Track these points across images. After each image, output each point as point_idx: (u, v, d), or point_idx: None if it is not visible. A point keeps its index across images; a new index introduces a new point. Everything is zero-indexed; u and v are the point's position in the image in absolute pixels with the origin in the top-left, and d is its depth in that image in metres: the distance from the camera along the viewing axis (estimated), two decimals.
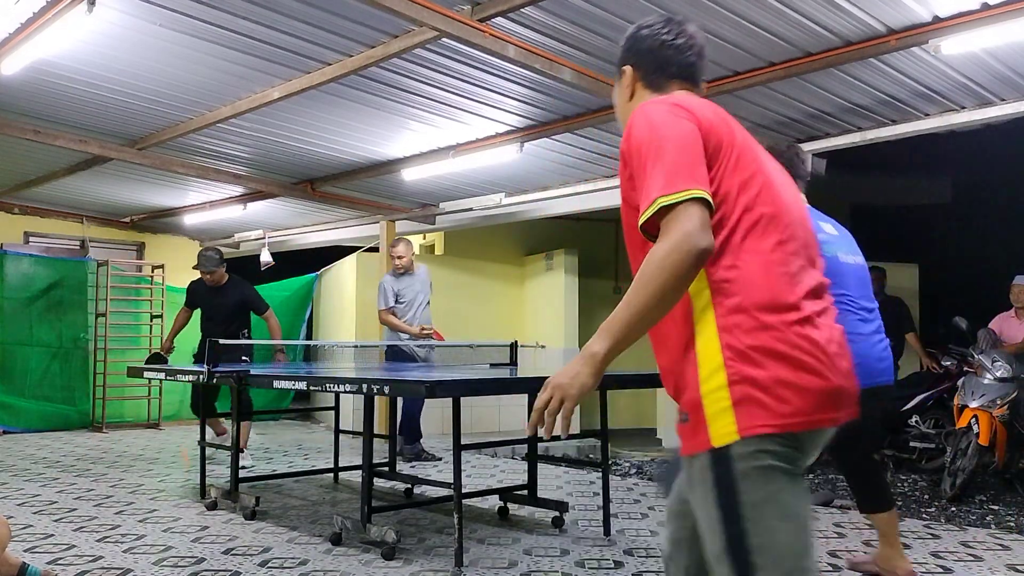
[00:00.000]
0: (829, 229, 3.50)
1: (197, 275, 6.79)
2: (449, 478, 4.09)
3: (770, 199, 1.62)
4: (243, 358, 6.54)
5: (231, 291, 6.76)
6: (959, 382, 5.98)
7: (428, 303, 7.01)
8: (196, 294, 6.87)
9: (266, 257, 10.34)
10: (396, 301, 6.87)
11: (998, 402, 5.57)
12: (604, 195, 7.20)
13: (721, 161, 1.60)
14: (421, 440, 7.10)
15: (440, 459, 6.95)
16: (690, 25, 1.89)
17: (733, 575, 1.49)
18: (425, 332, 6.82)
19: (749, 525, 1.49)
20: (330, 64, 4.85)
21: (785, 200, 1.65)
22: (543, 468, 6.12)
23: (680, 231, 1.49)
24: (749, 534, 1.49)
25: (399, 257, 6.86)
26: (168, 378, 5.60)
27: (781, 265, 1.57)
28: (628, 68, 1.88)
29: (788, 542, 1.50)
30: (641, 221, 1.56)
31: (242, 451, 6.76)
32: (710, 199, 1.53)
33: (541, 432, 1.61)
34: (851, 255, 3.45)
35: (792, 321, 1.54)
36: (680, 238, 1.48)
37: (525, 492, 4.75)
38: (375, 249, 9.21)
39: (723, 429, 1.51)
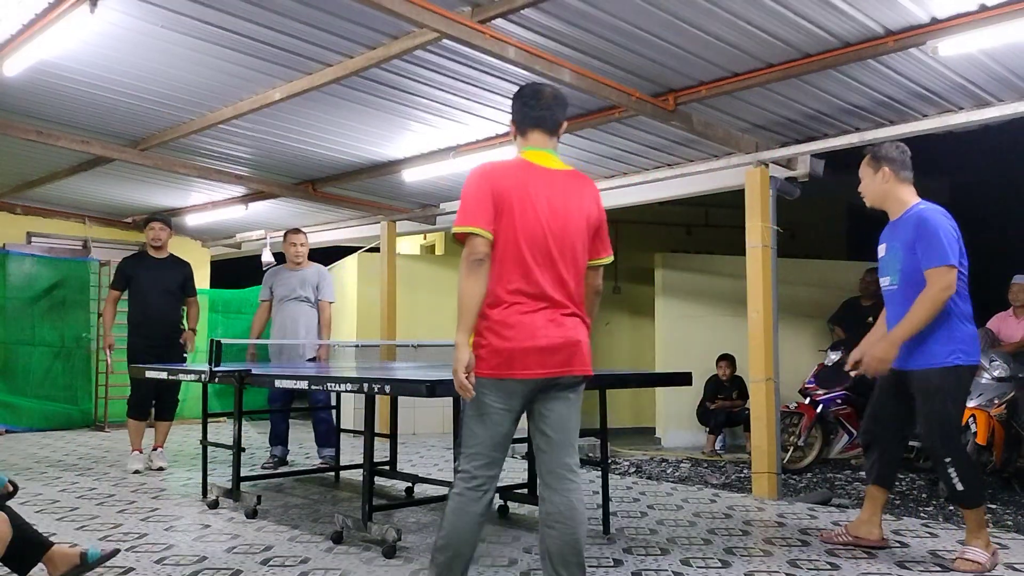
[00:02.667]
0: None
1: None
2: (449, 476, 4.11)
3: (517, 240, 2.79)
4: (184, 354, 6.50)
5: (172, 267, 6.53)
6: None
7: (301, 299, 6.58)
8: (133, 269, 6.49)
9: (268, 257, 10.36)
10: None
11: (996, 401, 5.60)
12: (604, 195, 7.09)
13: (500, 211, 2.79)
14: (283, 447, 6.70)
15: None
16: (547, 89, 3.01)
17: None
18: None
19: (466, 426, 2.87)
20: (331, 65, 4.87)
21: (534, 236, 2.80)
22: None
23: (464, 251, 2.77)
24: (464, 428, 2.89)
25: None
26: (170, 378, 5.62)
27: (508, 281, 2.78)
28: (512, 121, 3.04)
29: (477, 435, 2.84)
30: (455, 231, 2.83)
31: (156, 450, 6.44)
32: (481, 231, 2.75)
33: None
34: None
35: (498, 310, 2.77)
36: (464, 255, 2.77)
37: (525, 491, 4.77)
38: (376, 249, 9.23)
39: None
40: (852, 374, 3.99)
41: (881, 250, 3.98)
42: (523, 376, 2.76)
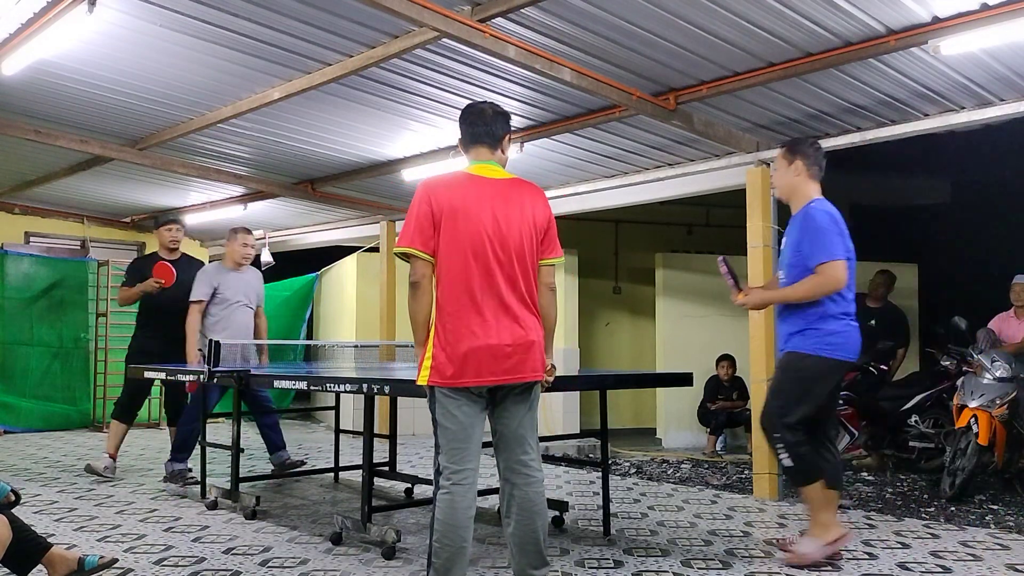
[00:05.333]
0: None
1: None
2: None
3: (462, 250, 2.94)
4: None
5: (188, 265, 6.05)
6: (958, 382, 5.99)
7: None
8: (147, 270, 5.98)
9: (267, 257, 10.35)
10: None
11: (997, 402, 5.57)
12: (604, 195, 7.21)
13: (440, 227, 2.96)
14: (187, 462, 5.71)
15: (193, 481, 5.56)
16: (486, 107, 3.24)
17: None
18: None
19: (436, 426, 3.01)
20: (330, 64, 4.86)
21: (478, 244, 2.95)
22: (543, 468, 6.12)
23: (409, 273, 3.00)
24: (436, 428, 3.02)
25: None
26: (168, 378, 5.60)
27: (454, 292, 2.95)
28: (459, 139, 3.28)
29: (448, 431, 2.98)
30: (395, 251, 3.10)
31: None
32: (418, 252, 2.96)
33: None
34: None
35: (448, 321, 2.94)
36: (409, 277, 3.00)
37: None
38: (375, 249, 9.21)
39: (422, 377, 3.02)
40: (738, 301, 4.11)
41: (783, 243, 4.09)
42: (475, 383, 2.94)
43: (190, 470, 5.61)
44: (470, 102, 3.35)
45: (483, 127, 3.19)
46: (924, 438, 6.51)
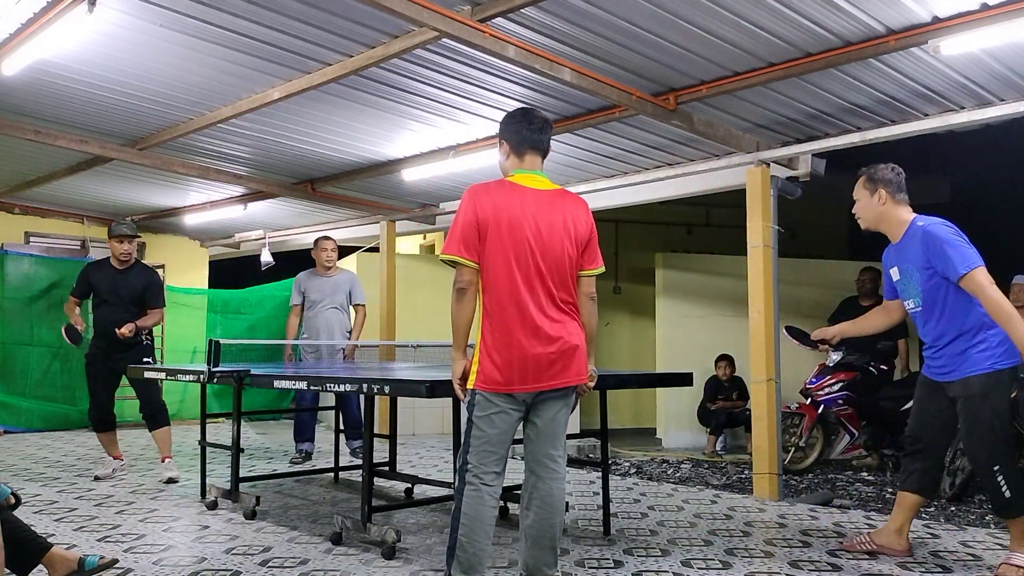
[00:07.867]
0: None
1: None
2: (449, 477, 4.10)
3: (507, 259, 2.99)
4: (145, 359, 5.97)
5: (137, 275, 6.10)
6: None
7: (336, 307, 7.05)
8: (95, 276, 6.16)
9: (266, 257, 10.35)
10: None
11: None
12: (603, 195, 7.21)
13: (485, 236, 3.01)
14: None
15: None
16: (540, 113, 3.25)
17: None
18: None
19: (472, 426, 3.05)
20: (330, 64, 4.86)
21: (522, 253, 3.00)
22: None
23: (455, 279, 3.02)
24: (470, 428, 3.06)
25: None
26: (168, 378, 5.59)
27: (499, 299, 3.00)
28: (504, 142, 3.22)
29: (485, 434, 3.03)
30: (442, 258, 3.10)
31: (164, 461, 5.99)
32: (464, 260, 2.99)
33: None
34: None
35: (494, 328, 3.01)
36: (454, 283, 3.02)
37: None
38: (375, 249, 9.21)
39: (471, 380, 3.06)
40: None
41: (895, 273, 3.93)
42: (521, 391, 3.02)
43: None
44: (519, 108, 3.34)
45: (543, 135, 3.20)
46: None
